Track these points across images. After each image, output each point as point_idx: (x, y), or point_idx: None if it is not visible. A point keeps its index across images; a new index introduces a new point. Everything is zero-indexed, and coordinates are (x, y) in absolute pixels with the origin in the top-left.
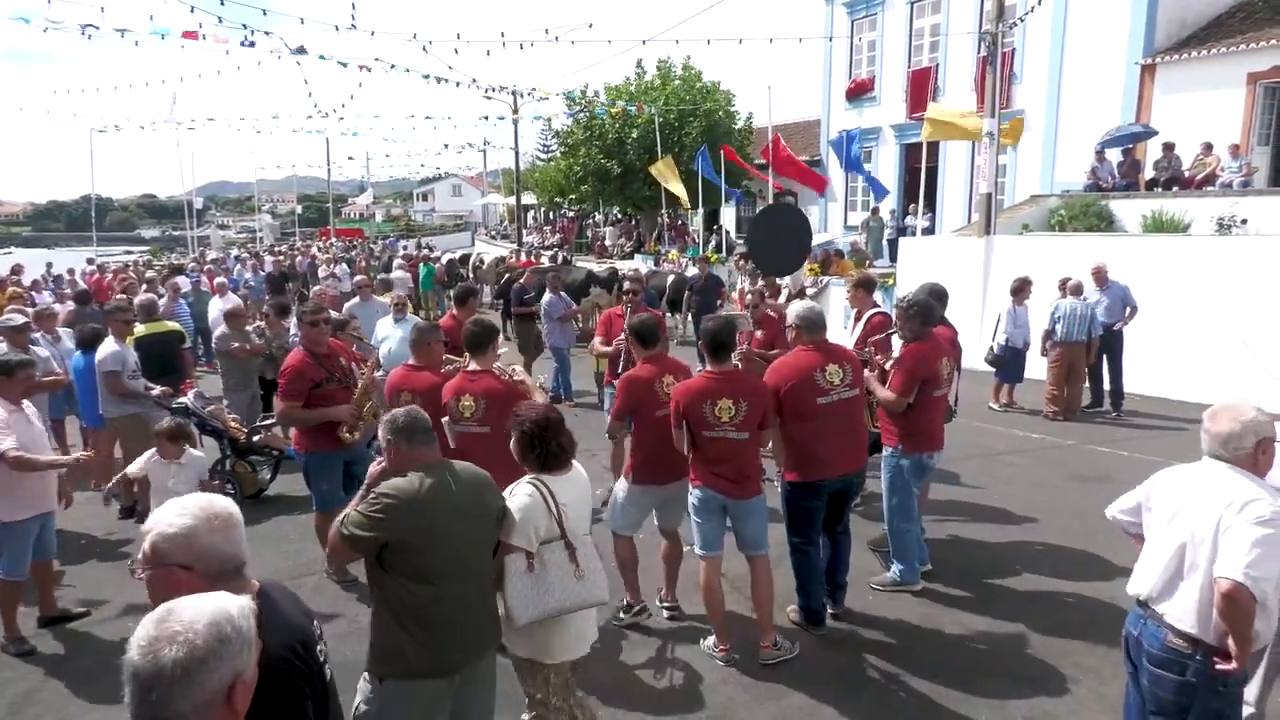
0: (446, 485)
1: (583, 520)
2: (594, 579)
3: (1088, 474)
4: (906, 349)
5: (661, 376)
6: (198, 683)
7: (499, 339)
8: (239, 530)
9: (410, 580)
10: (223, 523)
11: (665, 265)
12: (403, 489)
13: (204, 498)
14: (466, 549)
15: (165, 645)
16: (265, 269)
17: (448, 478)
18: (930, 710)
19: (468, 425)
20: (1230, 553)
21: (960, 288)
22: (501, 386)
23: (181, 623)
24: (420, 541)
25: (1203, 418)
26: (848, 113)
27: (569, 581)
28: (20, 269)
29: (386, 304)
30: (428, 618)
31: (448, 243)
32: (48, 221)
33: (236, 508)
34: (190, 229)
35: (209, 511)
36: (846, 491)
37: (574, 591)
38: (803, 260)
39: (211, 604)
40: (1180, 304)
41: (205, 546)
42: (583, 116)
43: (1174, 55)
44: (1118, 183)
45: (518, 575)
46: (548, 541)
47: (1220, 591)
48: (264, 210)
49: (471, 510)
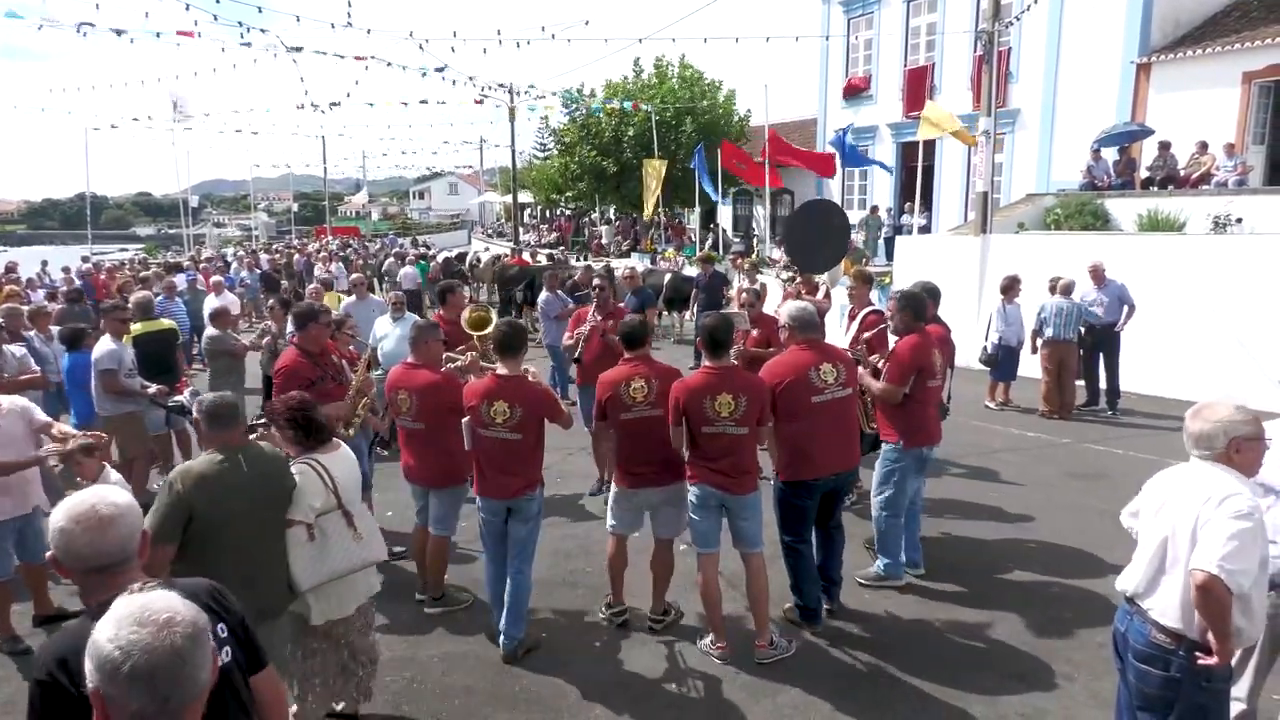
0: (237, 465)
1: (354, 490)
2: (371, 540)
3: (1083, 472)
4: (901, 341)
5: (630, 379)
6: (206, 650)
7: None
8: (112, 529)
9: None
10: (94, 523)
11: (662, 264)
12: (192, 469)
13: (88, 495)
14: (251, 524)
15: (166, 633)
16: (261, 267)
17: (239, 459)
18: (924, 706)
19: (497, 431)
20: (1206, 545)
21: (956, 286)
22: (539, 394)
23: (165, 609)
24: (207, 512)
25: (1185, 417)
26: (844, 111)
27: (350, 545)
28: (14, 266)
29: (383, 302)
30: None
31: (444, 241)
32: (42, 220)
33: (118, 506)
34: (186, 227)
35: (76, 512)
36: (838, 489)
37: (355, 553)
38: (841, 257)
39: (163, 593)
40: (1175, 302)
41: (73, 546)
42: (579, 115)
43: (1169, 54)
44: (1113, 181)
45: (299, 546)
46: (325, 512)
47: (1195, 583)
48: (260, 208)
49: (260, 489)
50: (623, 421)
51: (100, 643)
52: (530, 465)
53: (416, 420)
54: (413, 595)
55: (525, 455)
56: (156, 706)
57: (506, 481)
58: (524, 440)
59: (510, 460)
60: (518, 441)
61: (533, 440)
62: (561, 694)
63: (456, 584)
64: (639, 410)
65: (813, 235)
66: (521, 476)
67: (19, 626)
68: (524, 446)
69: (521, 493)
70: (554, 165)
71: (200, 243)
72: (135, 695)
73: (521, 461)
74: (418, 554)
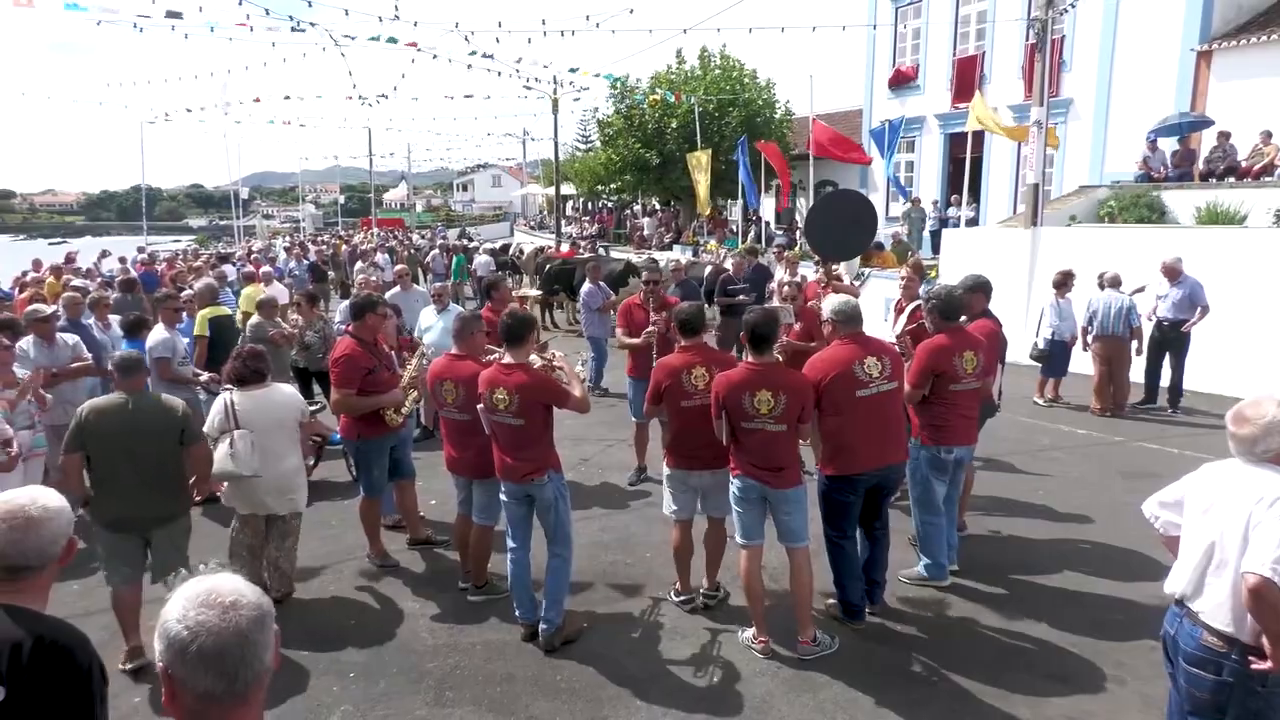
0: (125, 405)
1: (268, 419)
2: (241, 459)
3: (1135, 471)
4: (922, 343)
5: (691, 367)
6: (269, 633)
7: (536, 331)
8: (34, 531)
9: (104, 463)
10: (20, 522)
11: (704, 256)
12: (96, 404)
13: (22, 494)
14: (137, 446)
15: (232, 615)
16: (309, 258)
17: (129, 401)
18: (968, 705)
19: (502, 417)
20: (1259, 548)
21: (1005, 281)
22: (533, 380)
23: (232, 592)
24: (99, 435)
25: (1226, 420)
26: (890, 102)
27: (225, 458)
28: (74, 256)
29: (427, 293)
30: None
31: (487, 233)
32: (100, 211)
33: (47, 510)
34: (236, 218)
35: (5, 509)
36: (883, 486)
37: (226, 465)
38: (868, 245)
39: (229, 575)
40: (1236, 298)
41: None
42: (623, 107)
43: (1232, 41)
44: (1170, 173)
45: (225, 447)
46: (225, 432)
47: (1247, 586)
48: (308, 200)
49: (141, 423)
50: (682, 409)
51: (169, 622)
52: (536, 449)
53: (463, 411)
54: (455, 583)
55: (530, 440)
56: (224, 687)
57: (516, 465)
58: (528, 425)
59: (516, 445)
60: (521, 426)
61: (538, 426)
62: (601, 684)
63: (499, 573)
64: (701, 398)
65: (836, 225)
66: (529, 461)
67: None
68: (528, 431)
69: (531, 477)
70: (597, 157)
71: (250, 234)
72: (203, 676)
73: (526, 446)
74: (460, 543)
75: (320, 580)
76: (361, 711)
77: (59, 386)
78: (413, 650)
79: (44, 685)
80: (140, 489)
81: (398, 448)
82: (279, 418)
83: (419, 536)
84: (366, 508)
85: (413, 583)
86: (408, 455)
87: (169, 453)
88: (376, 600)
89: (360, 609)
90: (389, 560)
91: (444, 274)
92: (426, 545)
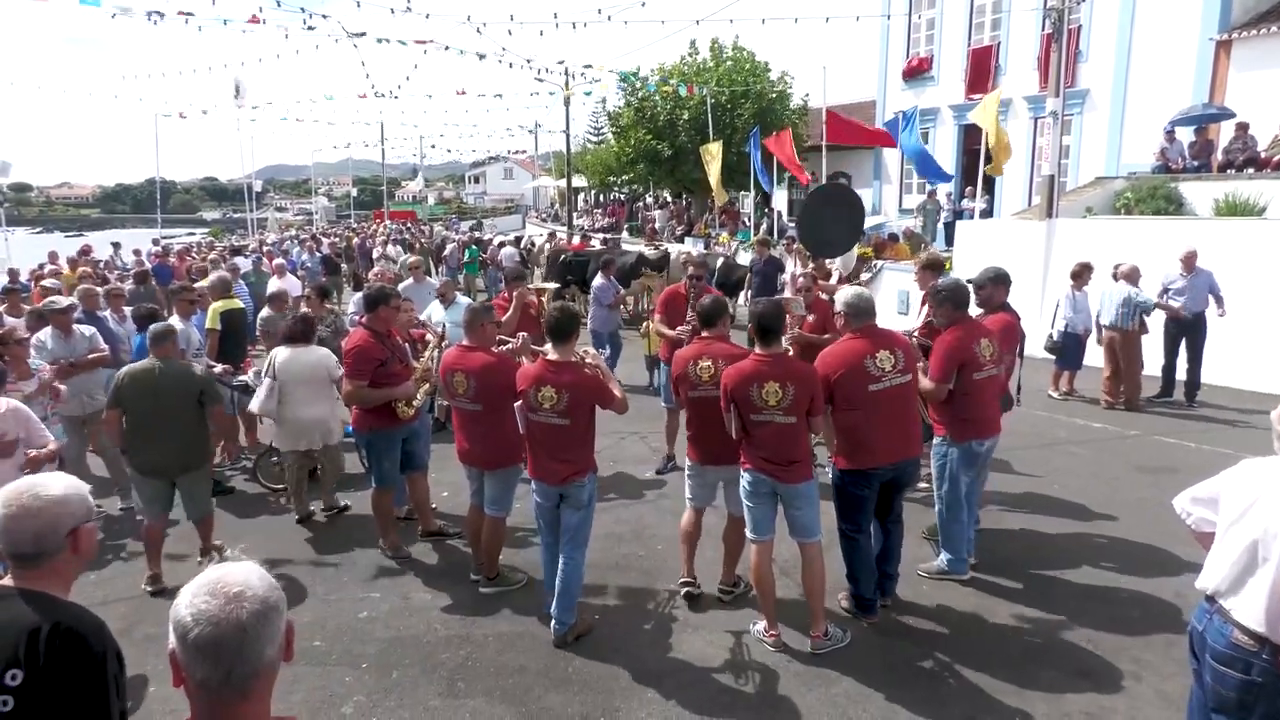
0: (153, 369)
1: (300, 374)
2: (259, 401)
3: (1152, 465)
4: (939, 335)
5: (699, 358)
6: (275, 627)
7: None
8: (30, 520)
9: (139, 419)
10: (16, 509)
11: (716, 248)
12: (130, 369)
13: (28, 481)
14: (165, 405)
15: (234, 606)
16: (322, 251)
17: (157, 366)
18: (983, 701)
19: (546, 416)
20: None
21: (1020, 272)
22: (586, 379)
23: (240, 583)
24: (132, 396)
25: (1272, 418)
26: (904, 93)
27: (265, 399)
28: (89, 250)
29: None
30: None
31: (499, 225)
32: (114, 204)
33: (40, 499)
34: (250, 211)
35: (9, 494)
36: (898, 480)
37: (263, 404)
38: (854, 243)
39: (245, 565)
40: (1255, 290)
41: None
42: (634, 99)
43: (1252, 31)
44: (1188, 164)
45: (258, 391)
46: (268, 377)
47: None
48: (320, 193)
49: (166, 386)
50: (690, 399)
51: (179, 607)
52: (580, 451)
53: (474, 401)
54: (467, 575)
55: (574, 441)
56: (219, 678)
57: (556, 467)
58: (573, 425)
59: (559, 446)
60: (566, 427)
61: (583, 426)
62: (613, 677)
63: (510, 565)
64: (704, 390)
65: (824, 219)
66: (571, 463)
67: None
68: (573, 432)
69: (571, 479)
70: (608, 149)
71: (263, 227)
72: (200, 664)
73: (570, 447)
74: (473, 534)
75: (333, 571)
76: (374, 702)
77: (75, 378)
78: (425, 641)
79: (60, 669)
80: (166, 441)
81: (410, 440)
82: (310, 373)
83: (431, 528)
84: (379, 499)
85: (425, 574)
86: (419, 448)
87: (190, 411)
88: (389, 592)
89: (373, 600)
90: (402, 551)
91: (457, 267)
92: (438, 537)
